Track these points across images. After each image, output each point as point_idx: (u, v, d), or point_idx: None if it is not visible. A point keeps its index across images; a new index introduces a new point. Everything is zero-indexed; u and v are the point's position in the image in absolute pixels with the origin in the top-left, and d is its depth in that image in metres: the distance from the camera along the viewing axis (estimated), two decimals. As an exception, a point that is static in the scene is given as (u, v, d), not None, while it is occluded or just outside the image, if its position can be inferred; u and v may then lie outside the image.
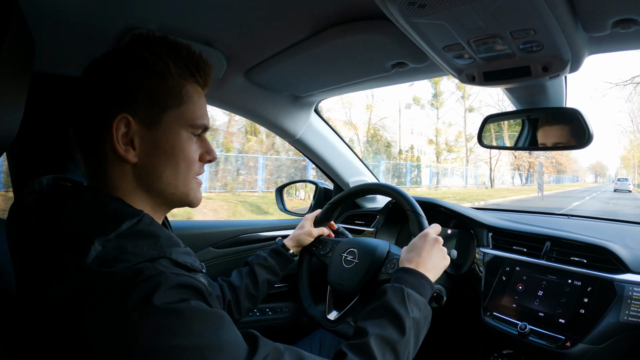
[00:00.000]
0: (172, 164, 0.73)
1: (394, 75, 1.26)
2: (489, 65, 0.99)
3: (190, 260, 0.69)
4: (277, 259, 1.31)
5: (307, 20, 1.02)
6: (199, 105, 0.76)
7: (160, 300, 0.56)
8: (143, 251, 0.62)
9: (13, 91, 0.74)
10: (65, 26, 1.01)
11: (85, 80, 0.71)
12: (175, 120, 0.72)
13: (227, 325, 0.62)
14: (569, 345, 1.08)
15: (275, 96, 1.60)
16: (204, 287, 0.64)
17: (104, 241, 0.59)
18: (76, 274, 0.56)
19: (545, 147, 1.26)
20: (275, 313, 1.76)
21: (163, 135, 0.71)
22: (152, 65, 0.70)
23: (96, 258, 0.58)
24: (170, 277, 0.59)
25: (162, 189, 0.73)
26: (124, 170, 0.70)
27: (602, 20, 0.79)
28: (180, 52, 0.73)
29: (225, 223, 1.74)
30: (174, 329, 0.55)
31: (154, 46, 0.71)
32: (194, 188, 0.78)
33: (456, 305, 1.38)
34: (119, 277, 0.57)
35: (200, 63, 0.76)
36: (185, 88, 0.74)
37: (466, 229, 1.53)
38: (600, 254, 1.18)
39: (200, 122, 0.76)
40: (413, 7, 0.75)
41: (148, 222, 0.67)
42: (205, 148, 0.79)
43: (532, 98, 1.19)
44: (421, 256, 0.99)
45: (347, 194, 1.39)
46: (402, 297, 0.88)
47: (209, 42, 1.17)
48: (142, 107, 0.69)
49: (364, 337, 0.81)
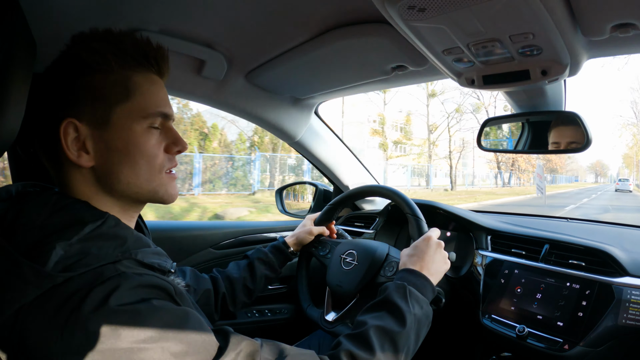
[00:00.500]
0: (130, 163, 0.69)
1: (393, 78, 1.26)
2: (488, 69, 0.99)
3: (158, 260, 0.67)
4: (278, 256, 1.30)
5: (308, 22, 1.03)
6: (151, 94, 0.71)
7: (119, 301, 0.55)
8: (108, 253, 0.61)
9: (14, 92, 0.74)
10: (67, 27, 1.01)
11: (35, 88, 0.70)
12: (126, 115, 0.68)
13: (193, 323, 0.61)
14: (567, 348, 1.08)
15: (276, 98, 1.60)
16: (170, 287, 0.63)
17: (66, 245, 0.58)
18: (36, 280, 0.55)
19: (545, 150, 1.26)
20: (275, 314, 1.76)
21: (115, 134, 0.68)
22: (90, 62, 0.67)
23: (57, 263, 0.56)
24: (131, 277, 0.58)
25: (124, 190, 0.70)
26: (83, 175, 0.68)
27: (601, 25, 0.79)
28: (123, 43, 0.69)
29: (225, 224, 1.75)
30: (133, 329, 0.54)
31: (92, 43, 0.68)
32: (163, 184, 0.74)
33: (455, 308, 1.38)
34: (79, 280, 0.56)
35: (148, 50, 0.72)
36: (132, 80, 0.70)
37: (465, 231, 1.53)
38: (598, 257, 1.18)
39: (155, 111, 0.71)
40: (413, 11, 0.76)
41: (112, 224, 0.65)
42: (171, 138, 0.74)
43: (532, 101, 1.19)
44: (424, 260, 0.99)
45: (347, 195, 1.40)
46: (403, 293, 0.88)
47: (210, 44, 1.18)
48: (87, 108, 0.67)
49: (363, 327, 0.80)
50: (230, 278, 1.21)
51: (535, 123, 1.27)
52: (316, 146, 1.83)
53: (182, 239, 1.58)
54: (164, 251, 0.74)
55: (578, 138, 1.15)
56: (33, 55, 0.89)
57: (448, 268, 1.05)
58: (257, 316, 1.72)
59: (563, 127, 1.20)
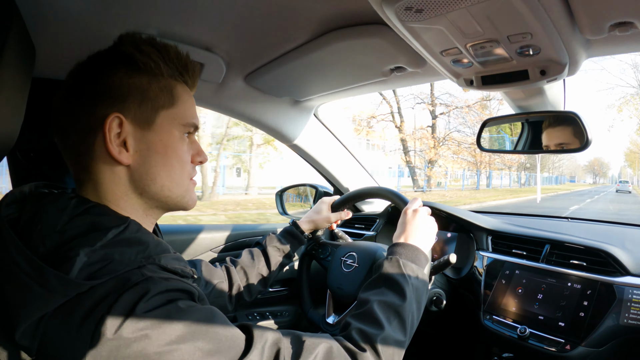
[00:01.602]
0: (167, 166, 0.71)
1: (392, 80, 1.26)
2: (487, 70, 0.99)
3: (180, 266, 0.68)
4: (291, 241, 1.30)
5: (306, 24, 1.03)
6: (188, 105, 0.75)
7: (148, 306, 0.55)
8: (131, 259, 0.61)
9: (13, 96, 0.74)
10: (66, 31, 1.02)
11: (70, 82, 0.70)
12: (169, 120, 0.71)
13: (220, 320, 0.62)
14: (569, 348, 1.08)
15: (275, 100, 1.60)
16: (194, 290, 0.64)
17: (90, 252, 0.58)
18: (61, 288, 0.54)
19: (544, 150, 1.26)
20: (276, 317, 1.75)
21: (157, 136, 0.70)
22: (143, 64, 0.69)
23: (82, 270, 0.56)
24: (158, 281, 0.59)
25: (157, 192, 0.71)
26: (115, 174, 0.68)
27: (599, 24, 0.79)
28: (169, 52, 0.72)
29: (225, 227, 1.74)
30: (163, 332, 0.55)
31: (143, 46, 0.70)
32: (189, 190, 0.76)
33: (456, 309, 1.38)
34: (106, 287, 0.55)
35: (188, 64, 0.75)
36: (176, 88, 0.73)
37: (466, 232, 1.53)
38: (599, 257, 1.18)
39: (192, 121, 0.75)
40: (410, 12, 0.76)
41: (135, 229, 0.65)
42: (195, 149, 0.78)
43: (531, 102, 1.19)
44: (407, 230, 1.00)
45: (367, 191, 1.38)
46: (398, 266, 0.90)
47: (208, 47, 1.18)
48: (135, 106, 0.68)
49: (367, 304, 0.82)
50: (244, 268, 1.21)
51: (534, 123, 1.27)
52: (315, 148, 1.83)
53: (183, 242, 1.58)
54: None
55: (577, 138, 1.15)
56: (32, 60, 0.90)
57: (436, 230, 1.05)
58: (258, 319, 1.71)
59: (562, 127, 1.20)
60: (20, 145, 1.13)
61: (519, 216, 1.88)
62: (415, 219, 1.02)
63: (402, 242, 0.98)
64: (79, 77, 0.69)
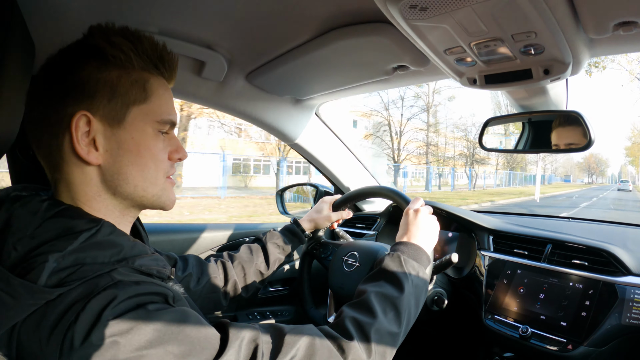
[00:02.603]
0: (140, 165, 0.68)
1: (394, 78, 1.25)
2: (490, 68, 0.99)
3: (157, 267, 0.66)
4: (292, 239, 1.29)
5: (309, 23, 1.03)
6: (164, 100, 0.71)
7: (116, 312, 0.54)
8: (103, 262, 0.59)
9: (13, 94, 0.73)
10: (66, 29, 1.01)
11: (40, 77, 0.66)
12: (141, 117, 0.67)
13: (192, 321, 0.60)
14: (571, 348, 1.08)
15: (276, 99, 1.60)
16: (168, 292, 0.62)
17: (59, 257, 0.56)
18: (28, 297, 0.53)
19: (547, 150, 1.26)
20: (276, 316, 1.75)
21: (128, 134, 0.66)
22: (113, 57, 0.65)
23: (50, 277, 0.54)
24: (128, 286, 0.57)
25: (130, 192, 0.68)
26: (86, 174, 0.65)
27: (603, 23, 0.79)
28: (142, 43, 0.68)
29: (225, 226, 1.74)
30: (132, 338, 0.53)
31: (113, 37, 0.66)
32: (166, 189, 0.73)
33: (457, 309, 1.37)
34: (74, 294, 0.54)
35: (164, 55, 0.71)
36: (149, 82, 0.69)
37: (467, 232, 1.53)
38: (601, 256, 1.18)
39: (167, 118, 0.71)
40: (414, 10, 0.75)
41: (108, 232, 0.63)
42: (173, 146, 0.74)
43: (534, 101, 1.19)
44: (409, 230, 1.00)
45: (369, 191, 1.37)
46: (399, 262, 0.89)
47: (210, 45, 1.18)
48: (104, 103, 0.64)
49: (363, 295, 0.82)
50: (242, 263, 1.19)
51: (537, 122, 1.27)
52: (316, 147, 1.83)
53: (183, 242, 1.57)
54: (163, 253, 0.72)
55: (580, 137, 1.14)
56: (32, 57, 0.89)
57: (438, 230, 1.04)
58: (259, 318, 1.71)
59: (565, 126, 1.19)
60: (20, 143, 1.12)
61: (521, 216, 1.88)
62: (417, 219, 1.01)
63: (405, 241, 0.97)
64: (47, 72, 0.66)
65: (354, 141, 22.21)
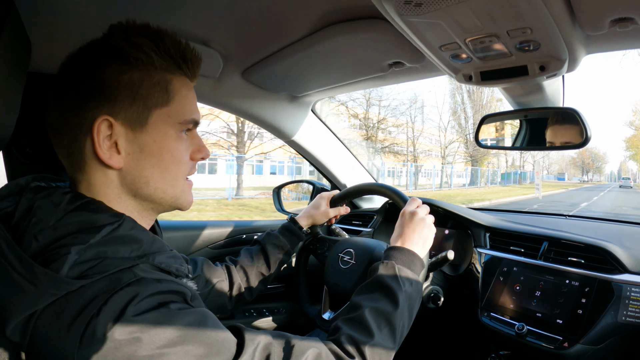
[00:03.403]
0: (161, 168, 0.68)
1: (390, 75, 1.25)
2: (486, 65, 0.99)
3: (175, 264, 0.66)
4: (290, 237, 1.29)
5: (304, 19, 1.02)
6: (187, 100, 0.70)
7: (138, 309, 0.54)
8: (124, 257, 0.59)
9: (9, 91, 0.73)
10: (61, 26, 1.01)
11: (61, 76, 0.66)
12: (163, 120, 0.67)
13: (211, 323, 0.61)
14: (567, 346, 1.08)
15: (272, 96, 1.60)
16: (187, 291, 0.62)
17: (81, 250, 0.56)
18: (50, 287, 0.53)
19: (543, 147, 1.26)
20: (273, 314, 1.75)
21: (150, 137, 0.66)
22: (134, 58, 0.64)
23: (72, 268, 0.55)
24: (150, 283, 0.58)
25: (151, 194, 0.69)
26: (107, 177, 0.66)
27: (599, 19, 0.78)
28: (164, 42, 0.66)
29: (222, 223, 1.74)
30: (153, 335, 0.54)
31: (134, 36, 0.65)
32: (184, 190, 0.73)
33: (453, 306, 1.37)
34: (97, 287, 0.55)
35: (187, 53, 0.70)
36: (172, 83, 0.68)
37: (464, 229, 1.53)
38: (598, 254, 1.18)
39: (190, 118, 0.70)
40: (409, 6, 0.75)
41: (129, 227, 0.63)
42: (196, 145, 0.74)
43: (530, 98, 1.18)
44: (404, 233, 0.99)
45: (367, 188, 1.36)
46: (393, 272, 0.89)
47: (205, 41, 1.17)
48: (125, 106, 0.64)
49: (359, 310, 0.81)
50: (244, 267, 1.20)
51: (533, 119, 1.27)
52: (313, 144, 1.83)
53: (180, 239, 1.57)
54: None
55: (576, 135, 1.14)
56: (28, 55, 0.89)
57: (433, 233, 1.03)
58: (255, 315, 1.71)
59: (562, 123, 1.19)
60: (16, 140, 1.12)
61: (517, 213, 1.88)
62: (413, 222, 1.01)
63: (399, 246, 0.97)
64: (68, 72, 0.66)
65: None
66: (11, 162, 1.25)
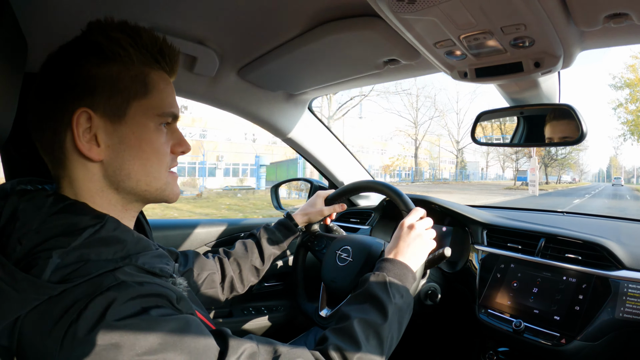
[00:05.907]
0: (142, 160, 0.68)
1: (386, 72, 1.25)
2: (481, 62, 0.98)
3: (160, 265, 0.66)
4: (285, 233, 1.29)
5: (299, 17, 1.02)
6: (166, 94, 0.71)
7: (118, 314, 0.54)
8: (107, 259, 0.59)
9: (5, 91, 0.73)
10: (57, 26, 1.01)
11: (41, 74, 0.67)
12: (142, 112, 0.67)
13: (194, 330, 0.60)
14: (564, 342, 1.08)
15: (269, 94, 1.59)
16: (171, 293, 0.62)
17: (63, 253, 0.56)
18: (32, 291, 0.54)
19: (539, 143, 1.26)
20: (271, 311, 1.75)
21: (129, 129, 0.66)
22: (112, 52, 0.65)
23: (54, 272, 0.55)
24: (131, 286, 0.57)
25: (133, 187, 0.68)
26: (88, 170, 0.66)
27: (593, 15, 0.78)
28: (142, 37, 0.68)
29: (219, 221, 1.74)
30: (134, 342, 0.53)
31: (111, 32, 0.66)
32: (169, 182, 0.73)
33: (451, 303, 1.37)
34: (78, 291, 0.54)
35: (164, 48, 0.71)
36: (150, 76, 0.69)
37: (461, 226, 1.53)
38: (595, 250, 1.18)
39: (169, 111, 0.71)
40: (402, 3, 0.75)
41: (112, 228, 0.63)
42: (176, 139, 0.75)
43: (525, 94, 1.18)
44: (399, 246, 0.98)
45: (362, 185, 1.35)
46: (383, 284, 0.88)
47: (201, 40, 1.17)
48: (104, 99, 0.64)
49: (347, 320, 0.81)
50: (237, 259, 1.21)
51: (530, 116, 1.26)
52: (309, 142, 1.83)
53: (177, 237, 1.57)
54: (165, 249, 0.72)
55: (573, 130, 1.14)
56: (24, 54, 0.89)
57: (429, 247, 1.02)
58: (254, 313, 1.71)
59: (558, 120, 1.19)
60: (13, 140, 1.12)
61: (515, 210, 1.88)
62: (409, 236, 1.00)
63: (391, 258, 0.96)
64: (47, 70, 0.67)
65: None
66: (9, 162, 1.26)
